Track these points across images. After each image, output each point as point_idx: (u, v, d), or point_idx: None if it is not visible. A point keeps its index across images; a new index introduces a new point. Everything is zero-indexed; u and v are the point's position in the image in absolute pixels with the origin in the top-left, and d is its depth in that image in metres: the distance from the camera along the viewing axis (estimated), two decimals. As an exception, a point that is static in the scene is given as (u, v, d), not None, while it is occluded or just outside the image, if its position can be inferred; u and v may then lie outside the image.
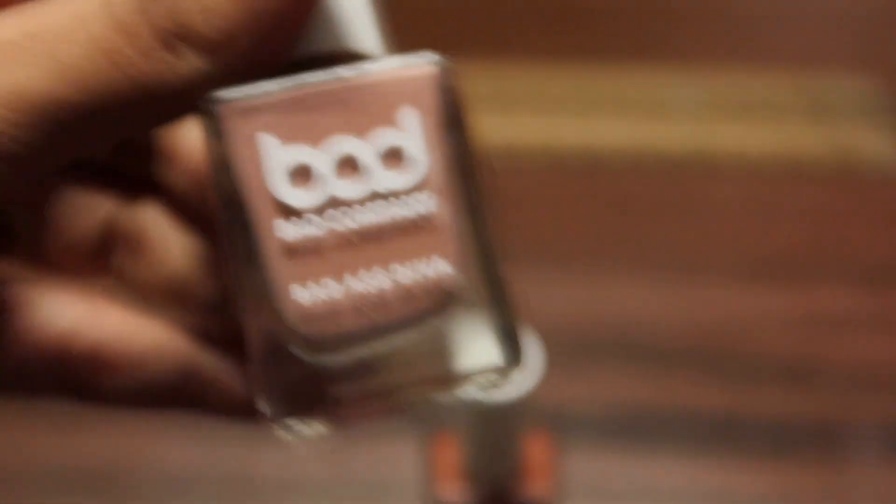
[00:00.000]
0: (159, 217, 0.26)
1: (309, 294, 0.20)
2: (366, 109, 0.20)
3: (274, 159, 0.20)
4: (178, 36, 0.18)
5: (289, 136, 0.20)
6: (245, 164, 0.20)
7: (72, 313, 0.25)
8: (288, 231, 0.20)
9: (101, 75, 0.18)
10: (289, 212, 0.20)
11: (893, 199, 0.65)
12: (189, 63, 0.18)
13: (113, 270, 0.26)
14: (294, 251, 0.20)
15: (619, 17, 0.77)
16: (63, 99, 0.18)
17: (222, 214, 0.21)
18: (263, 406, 0.21)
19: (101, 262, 0.26)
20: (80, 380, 0.25)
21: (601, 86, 0.70)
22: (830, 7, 0.79)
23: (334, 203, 0.20)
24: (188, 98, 0.19)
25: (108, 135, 0.19)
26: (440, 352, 0.21)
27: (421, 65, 0.21)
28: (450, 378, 0.21)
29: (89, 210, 0.26)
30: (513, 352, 0.21)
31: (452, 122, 0.21)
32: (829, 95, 0.70)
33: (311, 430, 0.21)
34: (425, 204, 0.21)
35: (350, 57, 0.21)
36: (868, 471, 0.51)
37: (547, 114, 0.65)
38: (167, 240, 0.25)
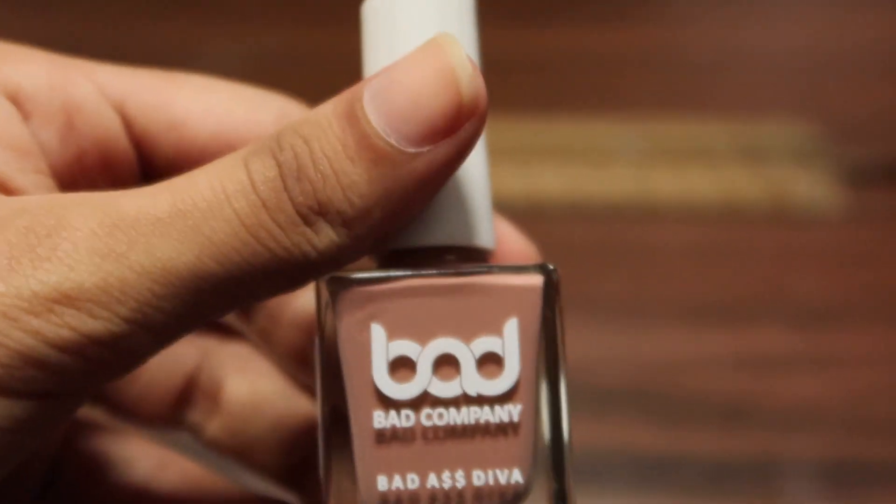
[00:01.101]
0: (241, 377, 0.27)
1: (392, 484, 0.21)
2: (475, 316, 0.21)
3: (380, 350, 0.21)
4: (318, 212, 0.19)
5: (398, 330, 0.21)
6: (353, 349, 0.21)
7: (144, 468, 0.26)
8: (382, 421, 0.21)
9: (244, 249, 0.19)
10: (386, 402, 0.21)
11: (827, 241, 0.66)
12: (326, 236, 0.19)
13: (187, 424, 0.27)
14: (384, 440, 0.21)
15: (559, 68, 0.78)
16: (207, 272, 0.19)
17: (322, 390, 0.21)
18: None
19: (177, 414, 0.27)
20: None
21: (540, 133, 0.71)
22: (765, 55, 0.81)
23: (428, 400, 0.21)
24: (319, 269, 0.20)
25: (240, 301, 0.20)
26: None
27: (532, 274, 0.22)
28: None
29: (175, 364, 0.27)
30: None
31: (550, 332, 0.22)
32: (765, 141, 0.71)
33: None
34: (511, 413, 0.21)
35: (465, 251, 0.22)
36: (804, 508, 0.51)
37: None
38: (244, 403, 0.27)
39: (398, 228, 0.21)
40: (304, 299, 0.26)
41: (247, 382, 0.27)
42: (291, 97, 0.26)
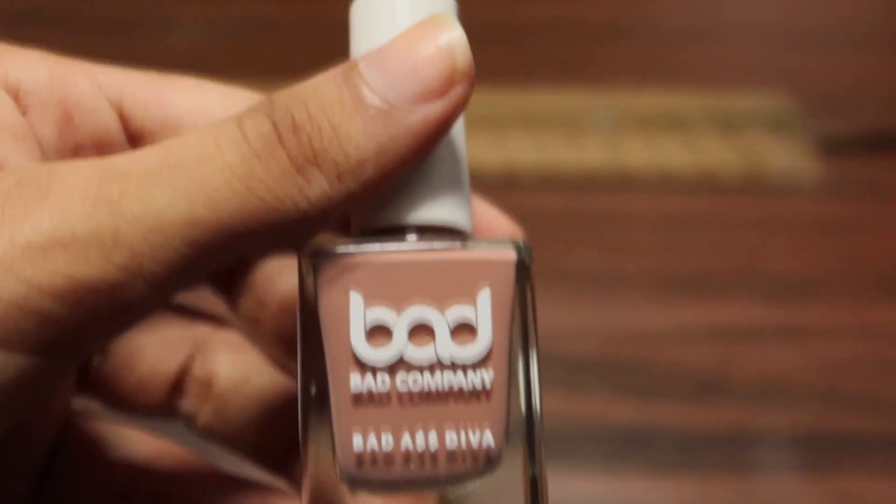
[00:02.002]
0: (232, 365, 0.28)
1: (367, 444, 0.22)
2: (449, 286, 0.22)
3: (358, 316, 0.22)
4: (313, 162, 0.20)
5: (375, 297, 0.22)
6: (332, 316, 0.22)
7: (142, 453, 0.27)
8: (359, 384, 0.22)
9: (236, 198, 0.19)
10: (362, 366, 0.22)
11: (801, 212, 0.66)
12: (319, 187, 0.20)
13: (181, 413, 0.28)
14: (361, 403, 0.22)
15: (533, 38, 0.77)
16: (200, 220, 0.19)
17: (302, 356, 0.22)
18: None
19: (172, 403, 0.28)
20: None
21: (514, 103, 0.70)
22: (740, 26, 0.81)
23: (403, 365, 0.22)
24: (309, 221, 0.20)
25: (233, 255, 0.20)
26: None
27: (506, 249, 0.23)
28: None
29: (169, 353, 0.28)
30: None
31: (521, 303, 0.23)
32: (739, 112, 0.71)
33: None
34: (483, 378, 0.22)
35: (442, 231, 0.23)
36: (776, 480, 0.51)
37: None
38: (234, 390, 0.27)
39: (385, 189, 0.21)
40: (291, 286, 0.27)
41: (237, 370, 0.28)
42: (264, 66, 0.26)
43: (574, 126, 0.69)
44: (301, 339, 0.22)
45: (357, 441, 0.22)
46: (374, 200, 0.23)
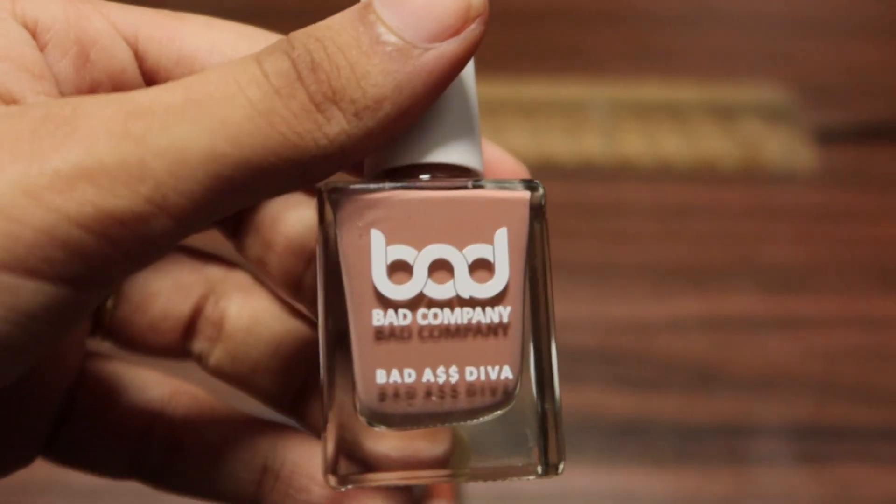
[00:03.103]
0: (243, 306, 0.28)
1: (389, 377, 0.23)
2: (467, 224, 0.23)
3: (379, 254, 0.23)
4: (331, 99, 0.21)
5: (396, 236, 0.23)
6: (354, 254, 0.23)
7: (155, 395, 0.28)
8: (381, 319, 0.23)
9: (257, 133, 0.20)
10: (384, 302, 0.23)
11: (797, 201, 0.66)
12: (337, 124, 0.21)
13: (194, 355, 0.29)
14: (382, 338, 0.23)
15: (529, 26, 0.77)
16: (222, 155, 0.20)
17: (323, 295, 0.23)
18: (332, 480, 0.23)
19: (184, 345, 0.29)
20: (152, 463, 0.27)
21: (510, 92, 0.70)
22: (736, 16, 0.81)
23: (424, 300, 0.23)
24: (328, 159, 0.21)
25: (254, 192, 0.21)
26: (491, 444, 0.24)
27: (520, 189, 0.24)
28: (493, 471, 0.24)
29: (181, 295, 0.28)
30: (555, 450, 0.24)
31: (536, 242, 0.24)
32: (735, 101, 0.71)
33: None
34: (501, 314, 0.23)
35: (455, 169, 0.24)
36: (773, 471, 0.51)
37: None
38: (245, 329, 0.28)
39: (401, 129, 0.22)
40: (297, 227, 0.27)
41: (248, 310, 0.28)
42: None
43: (571, 115, 0.69)
44: (322, 277, 0.23)
45: (380, 375, 0.23)
46: (389, 141, 0.23)
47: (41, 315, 0.19)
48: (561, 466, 0.24)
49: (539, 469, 0.24)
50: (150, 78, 0.26)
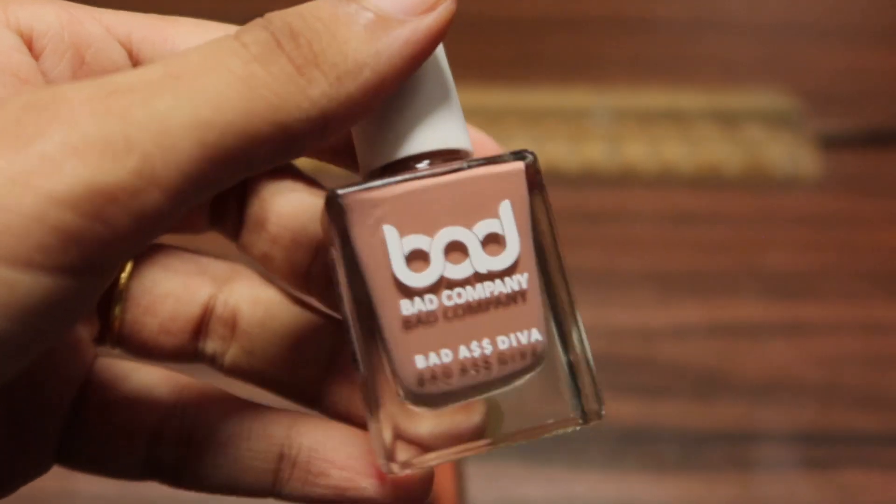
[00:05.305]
0: (254, 302, 0.28)
1: (427, 361, 0.24)
2: (472, 203, 0.24)
3: (395, 247, 0.24)
4: (312, 63, 0.21)
5: (407, 227, 0.24)
6: (370, 251, 0.24)
7: (166, 391, 0.28)
8: (409, 308, 0.24)
9: (240, 98, 0.20)
10: (409, 291, 0.24)
11: (800, 207, 0.66)
12: (318, 87, 0.21)
13: (207, 356, 0.29)
14: (412, 325, 0.24)
15: (532, 32, 0.77)
16: (205, 121, 0.20)
17: (347, 294, 0.24)
18: (394, 467, 0.24)
19: (196, 346, 0.29)
20: (167, 462, 0.27)
21: (512, 98, 0.71)
22: (740, 22, 0.81)
23: (445, 283, 0.24)
24: (311, 124, 0.22)
25: (243, 160, 0.21)
26: (527, 407, 0.25)
27: (514, 161, 0.25)
28: (534, 430, 0.25)
29: (189, 296, 0.28)
30: (591, 398, 0.25)
31: (538, 208, 0.25)
32: (739, 107, 0.71)
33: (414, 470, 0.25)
34: (519, 281, 0.24)
35: (447, 154, 0.25)
36: (777, 477, 0.51)
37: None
38: (260, 325, 0.28)
39: (385, 95, 0.23)
40: (301, 219, 0.28)
41: (260, 306, 0.28)
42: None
43: (574, 122, 0.69)
44: (345, 276, 0.24)
45: (419, 360, 0.24)
46: (374, 134, 0.24)
47: (39, 308, 0.19)
48: (601, 411, 0.25)
49: (579, 418, 0.25)
50: None
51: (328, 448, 0.26)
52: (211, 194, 0.22)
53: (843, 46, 0.79)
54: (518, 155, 0.25)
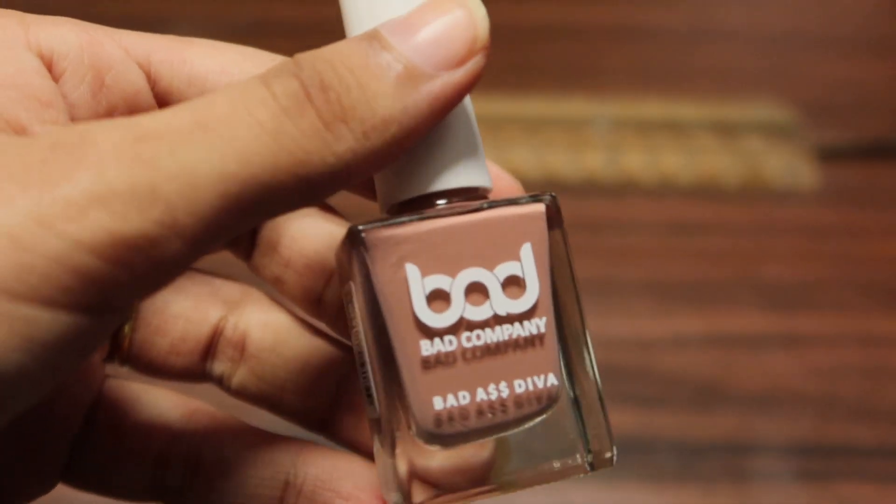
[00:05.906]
0: (264, 325, 0.29)
1: (445, 403, 0.24)
2: (493, 245, 0.24)
3: (417, 286, 0.23)
4: (341, 118, 0.21)
5: (429, 267, 0.24)
6: (391, 289, 0.24)
7: (175, 415, 0.28)
8: (428, 348, 0.24)
9: (266, 152, 0.20)
10: (429, 331, 0.24)
11: (798, 219, 0.67)
12: (345, 143, 0.21)
13: (214, 377, 0.29)
14: (430, 365, 0.24)
15: (532, 42, 0.77)
16: (231, 174, 0.20)
17: (365, 330, 0.24)
18: (390, 496, 0.24)
19: (204, 366, 0.29)
20: (173, 485, 0.27)
21: (512, 108, 0.71)
22: (738, 33, 0.81)
23: (465, 325, 0.24)
24: (334, 177, 0.22)
25: (261, 210, 0.21)
26: (538, 448, 0.25)
27: (535, 203, 0.25)
28: (544, 475, 0.25)
29: (200, 317, 0.29)
30: (600, 441, 0.25)
31: (558, 252, 0.25)
32: (737, 118, 0.71)
33: None
34: (537, 325, 0.24)
35: (467, 192, 0.25)
36: (772, 489, 0.51)
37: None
38: (269, 349, 0.28)
39: (403, 151, 0.23)
40: (315, 244, 0.28)
41: (271, 329, 0.29)
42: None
43: (574, 132, 0.69)
44: (366, 314, 0.24)
45: (437, 402, 0.24)
46: (396, 168, 0.24)
47: (57, 344, 0.19)
48: (611, 456, 0.26)
49: (587, 465, 0.25)
50: (162, 99, 0.26)
51: (334, 478, 0.26)
52: (229, 239, 0.22)
53: (842, 58, 0.79)
54: (533, 197, 0.25)
